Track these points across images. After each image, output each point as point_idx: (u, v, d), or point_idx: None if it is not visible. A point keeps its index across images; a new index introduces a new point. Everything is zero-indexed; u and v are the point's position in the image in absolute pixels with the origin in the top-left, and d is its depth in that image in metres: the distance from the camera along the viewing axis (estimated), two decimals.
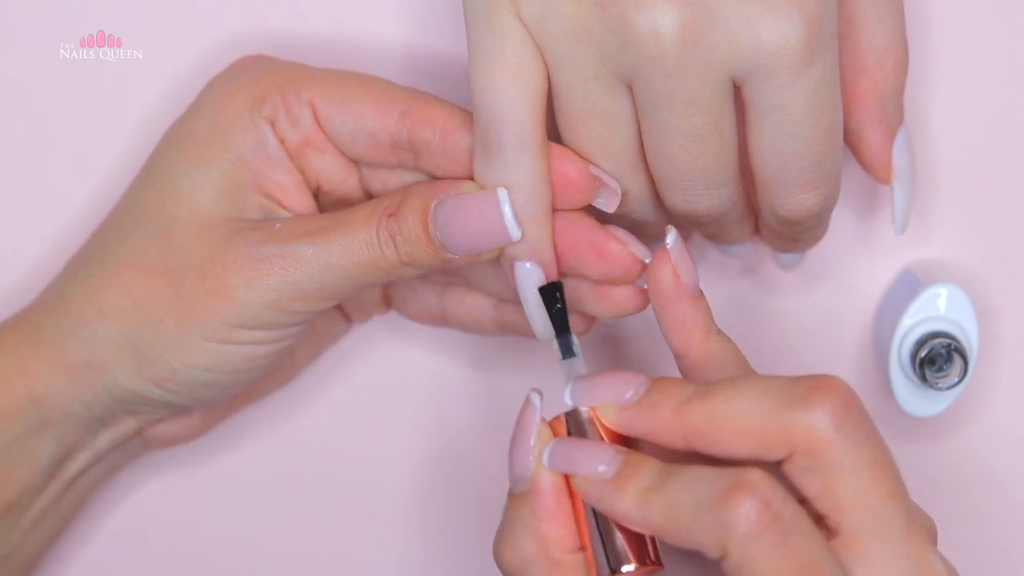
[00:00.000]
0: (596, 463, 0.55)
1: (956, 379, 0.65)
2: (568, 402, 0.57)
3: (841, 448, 0.52)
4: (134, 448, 0.66)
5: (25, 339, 0.62)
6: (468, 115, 0.59)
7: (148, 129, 0.66)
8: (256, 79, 0.61)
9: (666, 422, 0.54)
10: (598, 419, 0.56)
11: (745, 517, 0.51)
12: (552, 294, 0.59)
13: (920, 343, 0.65)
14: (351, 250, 0.59)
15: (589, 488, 0.55)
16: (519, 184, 0.58)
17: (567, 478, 0.56)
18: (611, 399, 0.56)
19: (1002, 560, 0.69)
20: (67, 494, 0.65)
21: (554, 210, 0.59)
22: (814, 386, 0.53)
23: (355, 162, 0.62)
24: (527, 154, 0.57)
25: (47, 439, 0.62)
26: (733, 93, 0.56)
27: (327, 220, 0.60)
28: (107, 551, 0.69)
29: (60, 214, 0.67)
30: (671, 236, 0.58)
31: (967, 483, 0.69)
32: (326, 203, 0.63)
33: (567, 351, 0.59)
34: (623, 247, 0.59)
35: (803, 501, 0.54)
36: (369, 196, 0.63)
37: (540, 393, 0.57)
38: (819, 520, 0.53)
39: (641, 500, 0.53)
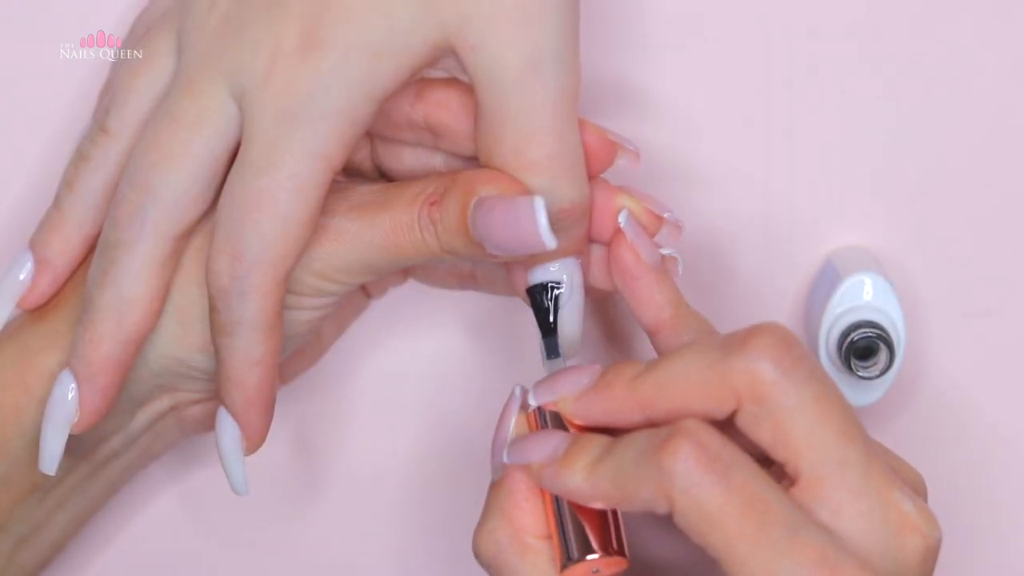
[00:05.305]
0: (546, 448, 0.56)
1: (883, 368, 0.65)
2: (532, 403, 0.58)
3: (783, 387, 0.52)
4: (169, 434, 0.65)
5: (62, 315, 0.60)
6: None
7: None
8: None
9: (620, 399, 0.55)
10: (565, 416, 0.57)
11: (683, 461, 0.51)
12: (541, 293, 0.60)
13: (845, 333, 0.65)
14: (393, 231, 0.58)
15: (543, 473, 0.55)
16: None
17: None
18: (569, 392, 0.57)
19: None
20: (97, 476, 0.64)
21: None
22: (750, 332, 0.53)
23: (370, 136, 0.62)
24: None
25: None
26: None
27: (371, 196, 0.59)
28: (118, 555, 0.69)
29: None
30: (623, 216, 0.59)
31: None
32: None
33: (552, 351, 0.60)
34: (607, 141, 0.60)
35: (764, 460, 0.54)
36: (380, 169, 0.63)
37: (525, 388, 0.58)
38: (781, 471, 0.53)
39: (590, 471, 0.54)
